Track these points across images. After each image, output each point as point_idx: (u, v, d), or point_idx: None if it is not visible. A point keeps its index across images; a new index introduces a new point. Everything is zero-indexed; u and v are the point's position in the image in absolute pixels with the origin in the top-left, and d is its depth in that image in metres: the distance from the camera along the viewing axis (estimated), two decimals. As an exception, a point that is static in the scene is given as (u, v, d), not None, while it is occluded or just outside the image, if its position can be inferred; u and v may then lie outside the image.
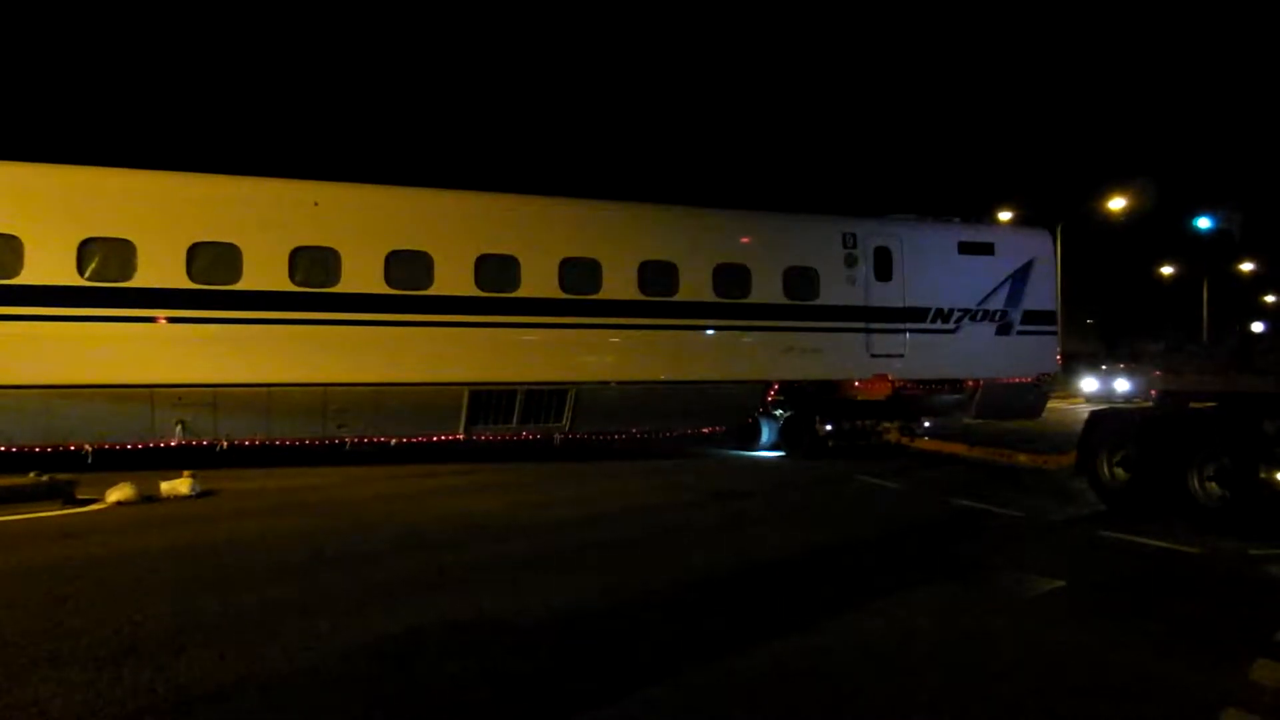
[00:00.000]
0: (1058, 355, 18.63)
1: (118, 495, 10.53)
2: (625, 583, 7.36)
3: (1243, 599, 7.36)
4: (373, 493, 12.06)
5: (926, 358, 17.10)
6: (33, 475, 10.75)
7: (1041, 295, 18.08)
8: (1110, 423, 11.69)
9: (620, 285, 15.25)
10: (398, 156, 50.67)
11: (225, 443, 13.40)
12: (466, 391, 14.28)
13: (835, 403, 16.83)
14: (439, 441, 14.67)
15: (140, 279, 12.74)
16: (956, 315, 17.32)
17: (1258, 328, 64.76)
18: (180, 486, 11.13)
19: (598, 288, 15.12)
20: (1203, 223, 40.72)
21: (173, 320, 12.84)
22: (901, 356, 16.89)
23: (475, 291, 14.34)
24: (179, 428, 13.01)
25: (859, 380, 16.62)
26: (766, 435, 17.15)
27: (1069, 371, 35.62)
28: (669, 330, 15.59)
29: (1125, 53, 79.01)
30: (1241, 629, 6.41)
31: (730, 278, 15.95)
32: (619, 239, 15.65)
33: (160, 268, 12.83)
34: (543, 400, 14.84)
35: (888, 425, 16.85)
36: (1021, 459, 13.55)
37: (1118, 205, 33.87)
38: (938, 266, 17.37)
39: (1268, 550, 8.86)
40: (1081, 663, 5.59)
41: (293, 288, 13.42)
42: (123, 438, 12.93)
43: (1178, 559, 8.70)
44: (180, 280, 12.89)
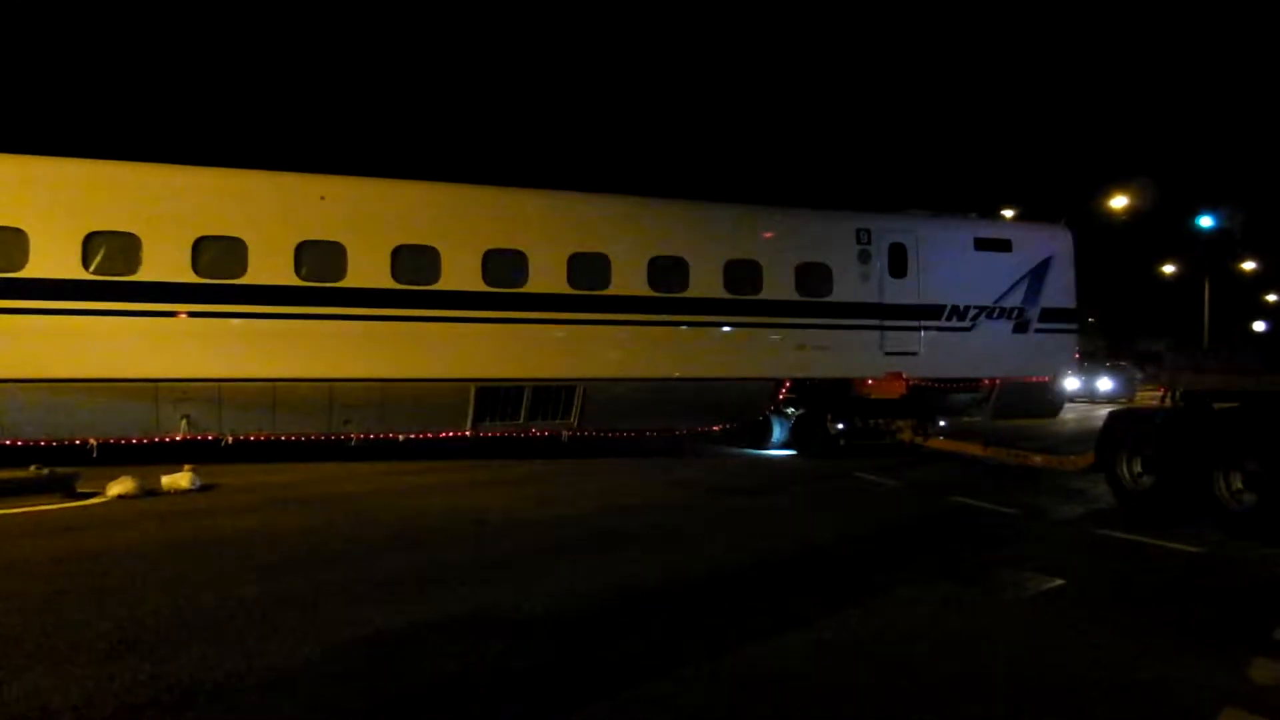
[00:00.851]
0: (1076, 354, 18.49)
1: (118, 489, 10.60)
2: (622, 579, 7.41)
3: (1242, 598, 7.41)
4: (373, 488, 12.11)
5: (942, 356, 17.02)
6: (33, 468, 10.82)
7: (1060, 292, 17.94)
8: (1130, 423, 11.49)
9: (630, 281, 15.25)
10: (406, 151, 50.78)
11: (230, 438, 13.49)
12: (473, 388, 14.32)
13: (848, 401, 16.78)
14: (446, 438, 14.72)
15: (145, 273, 12.83)
16: (973, 312, 17.23)
17: (1259, 327, 65.17)
18: (181, 480, 11.20)
19: (607, 283, 15.12)
20: (1204, 221, 41.10)
21: (177, 315, 12.92)
22: (916, 354, 16.81)
23: (483, 287, 14.37)
24: (184, 423, 13.09)
25: (872, 378, 16.56)
26: (778, 434, 17.11)
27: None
28: (679, 327, 15.60)
29: (1126, 52, 78.82)
30: (1240, 628, 6.44)
31: (742, 273, 15.92)
32: (628, 234, 15.64)
33: (166, 262, 12.91)
34: (550, 397, 14.86)
35: (901, 424, 16.79)
36: (1037, 460, 13.48)
37: (1119, 204, 33.74)
38: (953, 263, 17.27)
39: (1273, 550, 8.86)
40: (1079, 661, 5.61)
41: (298, 283, 13.48)
42: (127, 433, 13.02)
43: (1176, 558, 8.73)
44: (186, 275, 12.97)
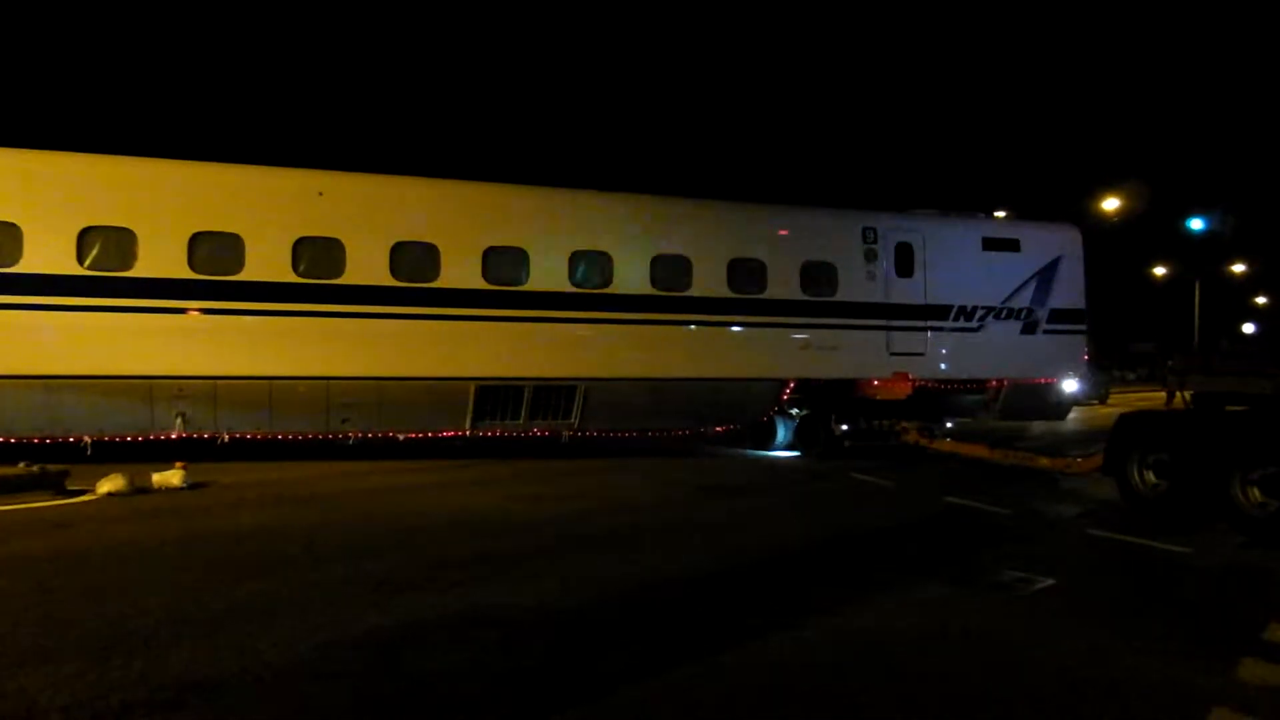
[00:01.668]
0: (1085, 355, 18.46)
1: (109, 486, 10.60)
2: (615, 579, 7.45)
3: (1232, 598, 7.51)
4: (368, 486, 12.14)
5: (948, 356, 17.01)
6: (22, 465, 10.79)
7: (1069, 293, 17.89)
8: (1143, 426, 11.37)
9: (631, 279, 15.24)
10: (406, 147, 50.86)
11: (227, 437, 13.49)
12: (473, 386, 14.31)
13: (853, 402, 16.76)
14: (445, 437, 14.71)
15: (141, 268, 12.84)
16: (980, 313, 17.20)
17: (1249, 329, 66.15)
18: (172, 478, 11.20)
19: (608, 282, 15.12)
20: (1195, 224, 41.80)
21: (172, 311, 12.92)
22: (922, 355, 16.79)
23: (483, 284, 14.37)
24: (179, 420, 13.09)
25: (878, 379, 16.54)
26: (782, 435, 17.08)
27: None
28: (682, 326, 15.58)
29: (1118, 55, 79.52)
30: (1230, 628, 6.53)
31: (746, 272, 15.90)
32: (630, 232, 15.64)
33: (161, 257, 12.91)
34: (551, 396, 14.85)
35: (907, 425, 16.74)
36: (1043, 462, 13.45)
37: (1111, 206, 33.86)
38: (961, 263, 17.25)
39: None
40: (1071, 661, 5.67)
41: (296, 279, 13.49)
42: (122, 430, 13.03)
43: (1168, 558, 8.82)
44: (181, 270, 12.98)
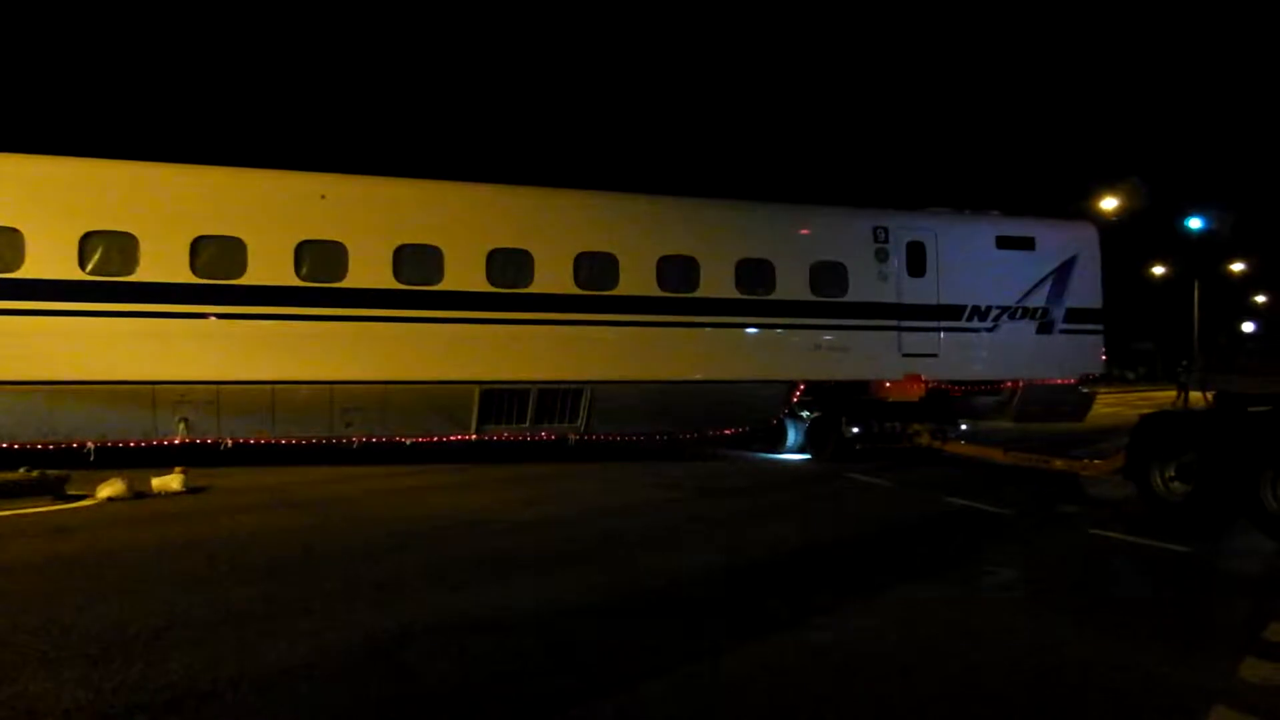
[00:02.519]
0: (1103, 355, 18.38)
1: (109, 491, 10.68)
2: (615, 581, 7.50)
3: (1232, 597, 7.57)
4: (369, 490, 12.21)
5: (962, 357, 16.95)
6: (23, 470, 10.90)
7: (1086, 292, 17.82)
8: (1165, 427, 11.26)
9: (638, 281, 15.26)
10: (409, 149, 50.96)
11: (229, 441, 13.56)
12: (478, 390, 14.36)
13: (865, 404, 16.73)
14: (451, 442, 14.75)
15: (143, 273, 12.94)
16: (994, 313, 17.15)
17: (1248, 328, 66.50)
18: (172, 482, 11.28)
19: (614, 283, 15.14)
20: (1194, 223, 42.54)
21: (175, 315, 13.00)
22: (935, 356, 16.74)
23: (487, 287, 14.42)
24: (181, 426, 13.17)
25: (890, 380, 16.50)
26: (793, 437, 17.06)
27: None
28: (689, 328, 15.58)
29: (1117, 53, 79.69)
30: (1231, 627, 6.58)
31: (754, 273, 15.91)
32: (636, 232, 15.66)
33: (163, 262, 13.02)
34: (557, 400, 14.88)
35: (919, 428, 16.70)
36: (1059, 465, 13.40)
37: (1109, 205, 33.90)
38: (975, 262, 17.19)
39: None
40: (1072, 660, 5.70)
41: (298, 283, 13.57)
42: (124, 435, 13.12)
43: (1168, 558, 8.86)
44: (184, 275, 13.07)
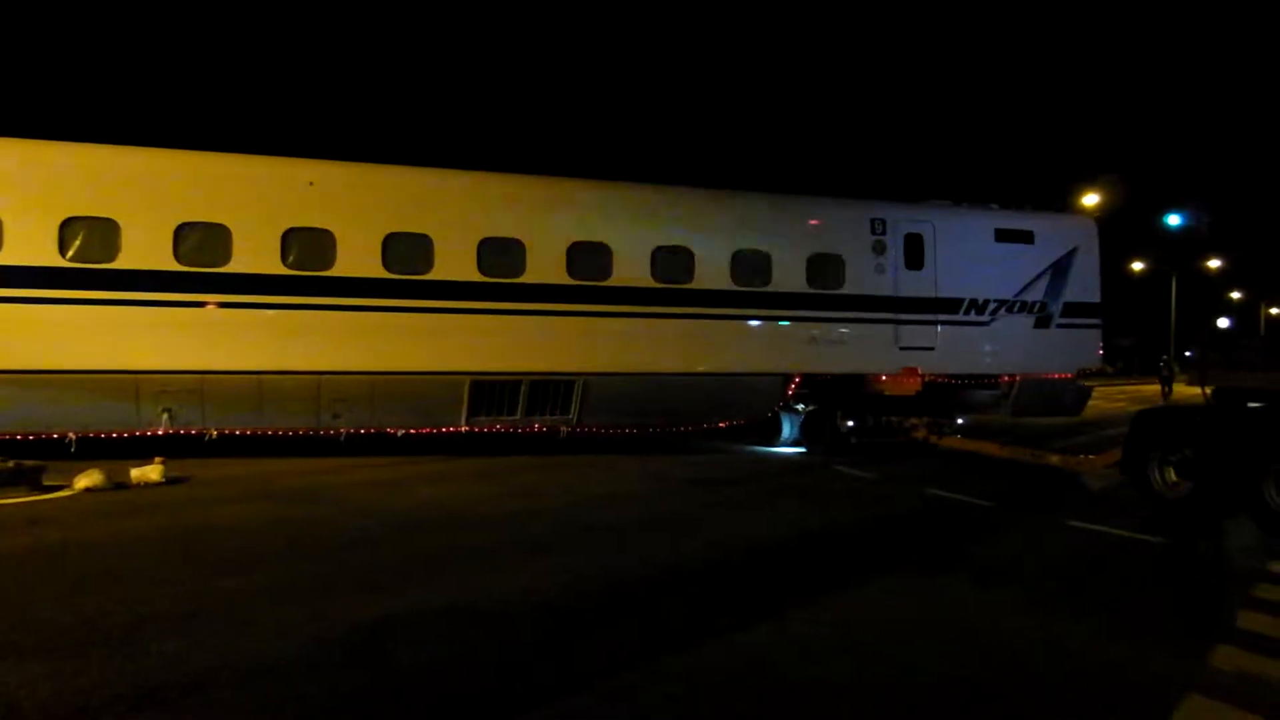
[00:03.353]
0: (1100, 349, 18.42)
1: (86, 481, 10.63)
2: (599, 572, 7.53)
3: (1206, 587, 7.71)
4: (353, 481, 12.19)
5: (959, 351, 16.96)
6: None
7: (1084, 286, 17.84)
8: (1164, 423, 11.27)
9: (632, 271, 15.22)
10: (398, 135, 50.85)
11: (215, 433, 13.50)
12: (468, 381, 14.31)
13: (861, 397, 16.74)
14: (441, 433, 14.72)
15: (125, 260, 12.83)
16: (992, 306, 17.17)
17: (1223, 323, 68.69)
18: (151, 473, 11.22)
19: (608, 274, 15.09)
20: (1173, 219, 44.01)
21: (158, 304, 12.91)
22: (932, 349, 16.76)
23: (478, 277, 14.36)
24: (165, 417, 13.10)
25: (886, 374, 16.51)
26: (788, 431, 17.08)
27: None
28: (684, 319, 15.55)
29: (1096, 51, 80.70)
30: (1204, 616, 6.71)
31: (750, 264, 15.89)
32: (631, 222, 15.62)
33: (146, 249, 12.92)
34: (549, 391, 14.84)
35: (916, 422, 16.74)
36: (1054, 459, 13.44)
37: (1090, 202, 34.35)
38: (973, 255, 17.20)
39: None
40: (1048, 650, 5.81)
41: (285, 271, 13.48)
42: (107, 426, 13.03)
43: (1144, 549, 9.05)
44: (167, 262, 12.98)
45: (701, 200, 16.65)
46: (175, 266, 13.01)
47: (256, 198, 13.64)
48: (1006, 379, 17.32)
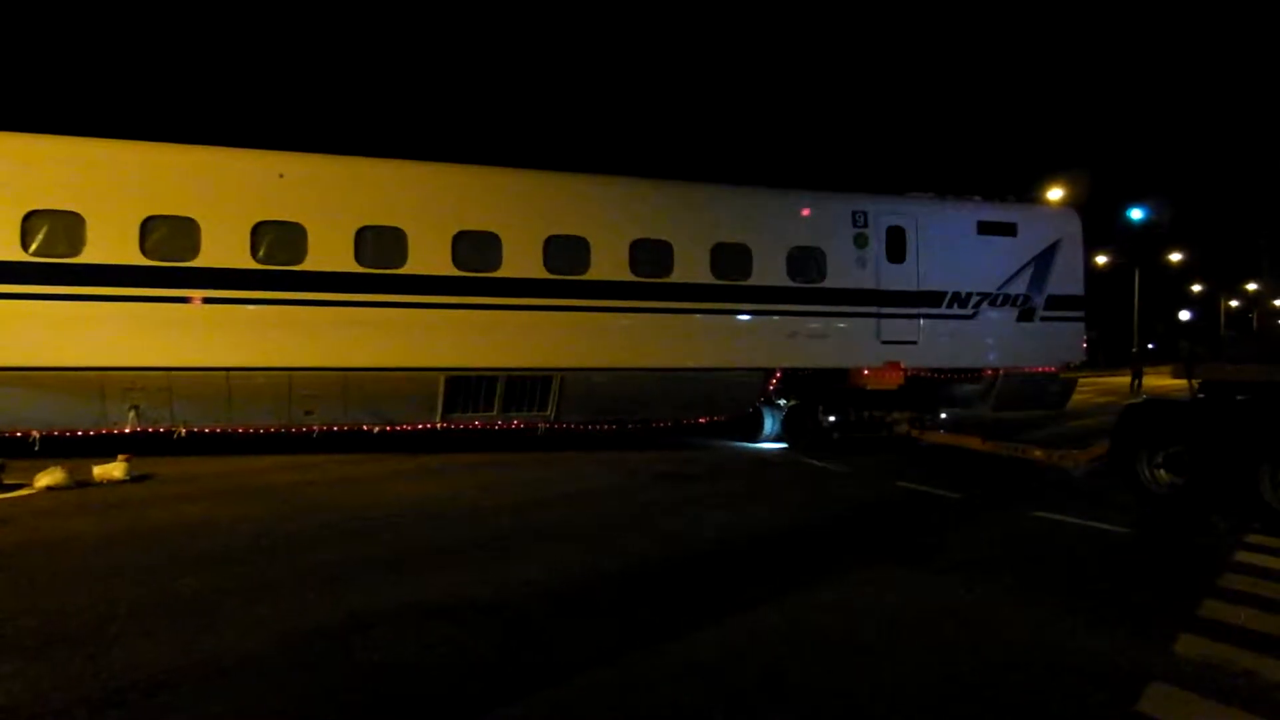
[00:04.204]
0: (1084, 343, 18.57)
1: (47, 480, 10.57)
2: (569, 569, 7.56)
3: (1169, 577, 7.83)
4: (323, 478, 12.18)
5: (942, 345, 17.06)
6: None
7: (1068, 279, 17.99)
8: (1154, 418, 11.21)
9: (610, 265, 15.22)
10: (373, 127, 50.58)
11: (183, 430, 13.42)
12: (443, 378, 14.28)
13: (843, 392, 16.82)
14: (415, 430, 14.68)
15: (90, 254, 12.72)
16: (975, 299, 17.28)
17: (1185, 316, 70.41)
18: (114, 471, 11.15)
19: (586, 268, 15.09)
20: (1135, 213, 45.32)
21: (125, 299, 12.81)
22: (914, 343, 16.85)
23: (453, 271, 14.31)
24: (132, 414, 13.01)
25: (868, 368, 16.60)
26: (769, 426, 17.13)
27: None
28: (663, 314, 15.55)
29: (1060, 48, 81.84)
30: (1167, 605, 6.82)
31: (730, 258, 15.92)
32: (610, 216, 15.59)
33: (112, 243, 12.80)
34: (526, 387, 14.84)
35: (898, 416, 16.82)
36: (1038, 454, 13.53)
37: (1056, 196, 34.89)
38: (955, 247, 17.30)
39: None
40: (1013, 640, 5.93)
41: (255, 265, 13.39)
42: (72, 424, 12.95)
43: (1107, 539, 9.23)
44: (133, 256, 12.87)
45: (681, 193, 16.62)
46: (142, 261, 12.90)
47: (225, 190, 13.51)
48: (989, 373, 17.45)
